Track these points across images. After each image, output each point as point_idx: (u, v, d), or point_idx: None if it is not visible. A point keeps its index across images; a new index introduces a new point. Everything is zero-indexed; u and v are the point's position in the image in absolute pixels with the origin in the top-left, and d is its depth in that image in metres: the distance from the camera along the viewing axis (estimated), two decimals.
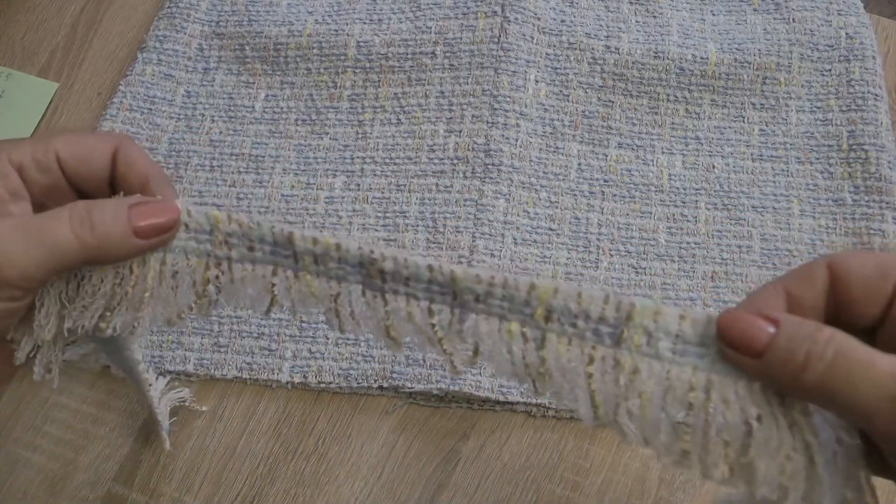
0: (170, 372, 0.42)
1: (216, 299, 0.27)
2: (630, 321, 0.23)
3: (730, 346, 0.21)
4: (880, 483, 0.22)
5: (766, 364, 0.21)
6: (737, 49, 0.49)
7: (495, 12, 0.49)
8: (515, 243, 0.44)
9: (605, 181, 0.46)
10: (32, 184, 0.25)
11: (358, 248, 0.25)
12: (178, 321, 0.27)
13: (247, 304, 0.27)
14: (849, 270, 0.22)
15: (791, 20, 0.50)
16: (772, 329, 0.21)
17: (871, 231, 0.44)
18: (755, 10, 0.51)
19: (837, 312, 0.22)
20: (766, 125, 0.48)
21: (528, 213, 0.45)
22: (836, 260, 0.22)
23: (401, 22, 0.50)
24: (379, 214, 0.45)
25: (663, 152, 0.47)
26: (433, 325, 0.25)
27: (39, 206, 0.26)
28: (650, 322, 0.23)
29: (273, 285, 0.26)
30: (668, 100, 0.48)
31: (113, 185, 0.27)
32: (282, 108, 0.49)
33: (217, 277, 0.27)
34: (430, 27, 0.50)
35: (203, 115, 0.49)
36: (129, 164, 0.27)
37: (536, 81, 0.48)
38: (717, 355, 0.22)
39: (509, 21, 0.49)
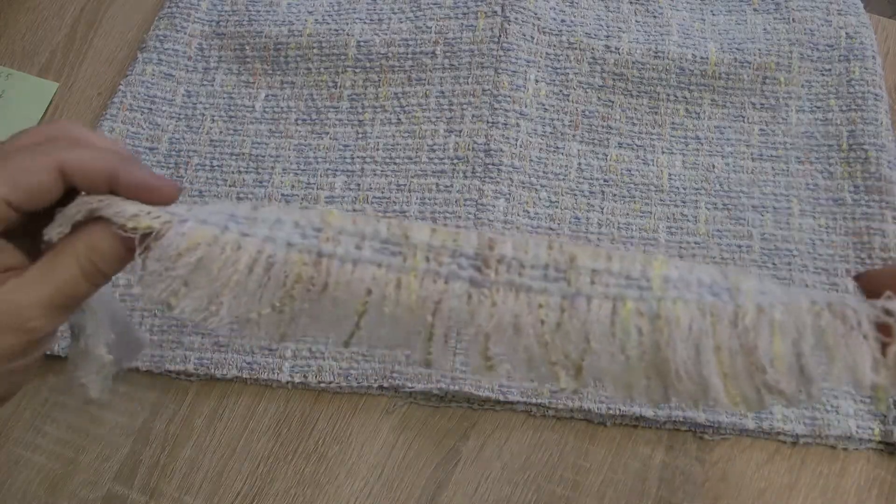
0: (170, 371, 0.42)
1: (299, 311, 0.25)
2: (738, 291, 0.23)
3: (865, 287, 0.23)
4: (879, 480, 0.22)
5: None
6: (737, 49, 0.49)
7: (495, 12, 0.49)
8: None
9: (605, 181, 0.46)
10: (27, 202, 0.25)
11: (477, 234, 0.24)
12: (249, 324, 0.26)
13: (328, 325, 0.25)
14: None
15: (791, 20, 0.50)
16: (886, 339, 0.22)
17: (871, 231, 0.44)
18: (755, 10, 0.51)
19: None
20: (766, 125, 0.48)
21: (529, 212, 0.45)
22: None
23: (401, 22, 0.50)
24: (379, 214, 0.45)
25: (663, 152, 0.47)
26: (542, 322, 0.23)
27: None
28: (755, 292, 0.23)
29: (369, 292, 0.25)
30: (668, 100, 0.48)
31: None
32: (282, 107, 0.49)
33: (312, 279, 0.25)
34: (431, 27, 0.50)
35: (203, 114, 0.49)
36: (82, 173, 0.25)
37: (536, 81, 0.48)
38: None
39: (509, 21, 0.49)
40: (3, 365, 0.24)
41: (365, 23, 0.51)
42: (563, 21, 0.50)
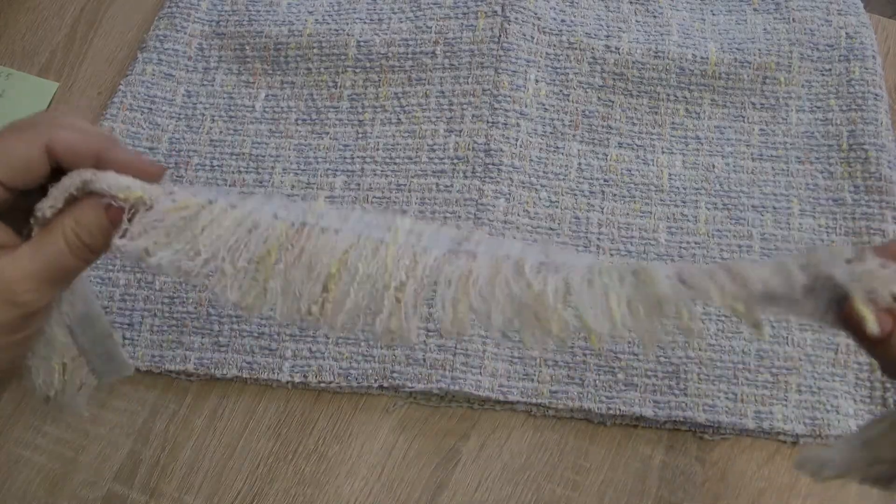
0: (170, 371, 0.42)
1: (273, 273, 0.26)
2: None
3: (854, 329, 0.25)
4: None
5: (884, 349, 0.24)
6: (737, 49, 0.49)
7: (495, 12, 0.49)
8: None
9: (605, 181, 0.46)
10: (15, 180, 0.26)
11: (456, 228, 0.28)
12: (221, 278, 0.26)
13: (297, 293, 0.26)
14: None
15: (791, 20, 0.50)
16: (890, 325, 0.24)
17: (871, 231, 0.44)
18: (755, 9, 0.51)
19: None
20: (766, 125, 0.48)
21: (529, 212, 0.45)
22: None
23: (401, 21, 0.50)
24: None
25: (663, 152, 0.47)
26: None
27: None
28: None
29: (345, 252, 0.26)
30: (668, 99, 0.48)
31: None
32: (282, 107, 0.49)
33: (291, 241, 0.26)
34: (431, 27, 0.50)
35: (203, 114, 0.49)
36: (69, 151, 0.26)
37: (536, 81, 0.48)
38: None
39: (509, 21, 0.49)
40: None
41: (365, 23, 0.51)
42: (563, 21, 0.50)
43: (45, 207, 0.26)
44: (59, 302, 0.29)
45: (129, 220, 0.26)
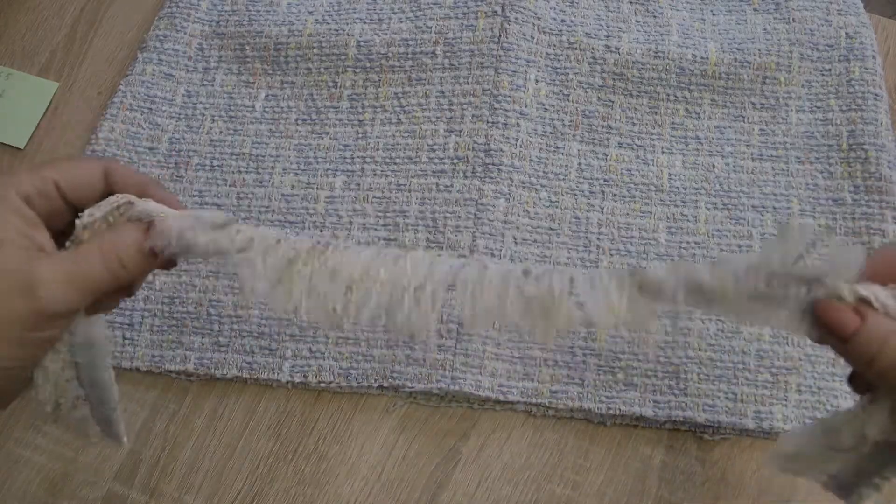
0: (170, 371, 0.42)
1: (299, 277, 0.30)
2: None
3: (824, 328, 0.26)
4: None
5: (850, 347, 0.26)
6: (737, 49, 0.49)
7: (495, 12, 0.49)
8: (515, 243, 0.44)
9: (605, 181, 0.46)
10: (38, 211, 0.28)
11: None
12: (250, 271, 0.29)
13: (322, 296, 0.29)
14: None
15: (791, 20, 0.50)
16: (858, 322, 0.26)
17: (871, 231, 0.44)
18: (755, 9, 0.51)
19: None
20: (766, 125, 0.48)
21: (529, 212, 0.45)
22: None
23: (401, 21, 0.50)
24: (379, 214, 0.45)
25: (663, 152, 0.47)
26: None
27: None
28: None
29: (367, 266, 0.30)
30: (668, 99, 0.48)
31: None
32: (282, 107, 0.49)
33: (317, 252, 0.30)
34: (431, 27, 0.50)
35: (203, 114, 0.49)
36: (122, 179, 0.30)
37: (536, 81, 0.48)
38: None
39: (509, 21, 0.49)
40: (15, 330, 0.26)
41: (365, 23, 0.51)
42: (563, 21, 0.50)
43: (87, 216, 0.28)
44: (73, 348, 0.29)
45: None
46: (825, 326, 0.26)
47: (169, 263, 0.30)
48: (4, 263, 0.26)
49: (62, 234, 0.29)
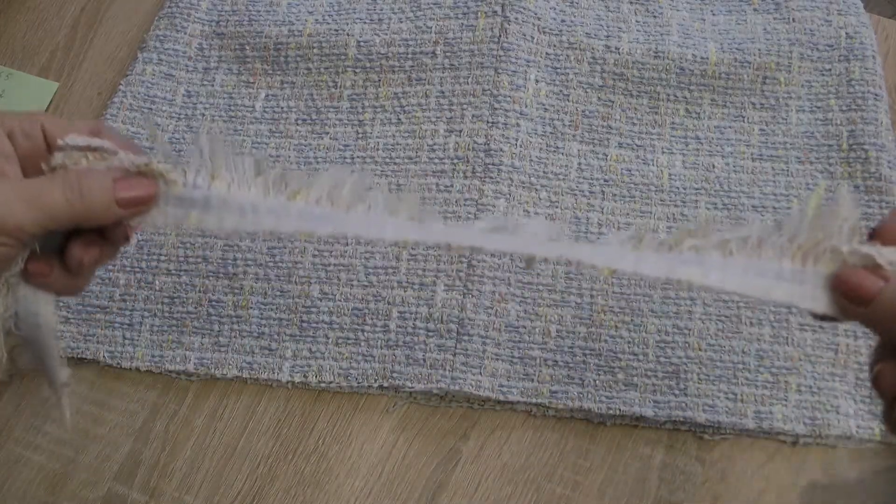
0: (170, 371, 0.42)
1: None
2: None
3: (845, 296, 0.26)
4: None
5: (872, 311, 0.26)
6: (737, 49, 0.49)
7: (495, 12, 0.49)
8: None
9: (605, 181, 0.46)
10: (18, 147, 0.28)
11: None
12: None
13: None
14: None
15: (791, 20, 0.50)
16: (881, 283, 0.26)
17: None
18: (755, 9, 0.51)
19: None
20: (766, 125, 0.48)
21: (529, 212, 0.45)
22: None
23: (401, 21, 0.50)
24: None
25: (663, 152, 0.47)
26: None
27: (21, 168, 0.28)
28: None
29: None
30: (668, 99, 0.48)
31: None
32: (282, 107, 0.49)
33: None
34: (431, 27, 0.50)
35: (203, 114, 0.49)
36: (110, 138, 0.29)
37: (536, 81, 0.48)
38: None
39: (509, 21, 0.49)
40: None
41: (365, 23, 0.51)
42: (563, 21, 0.50)
43: (68, 140, 0.28)
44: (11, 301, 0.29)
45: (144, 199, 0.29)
46: (847, 293, 0.26)
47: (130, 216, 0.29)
48: None
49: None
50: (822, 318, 0.28)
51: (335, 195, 0.30)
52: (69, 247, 0.29)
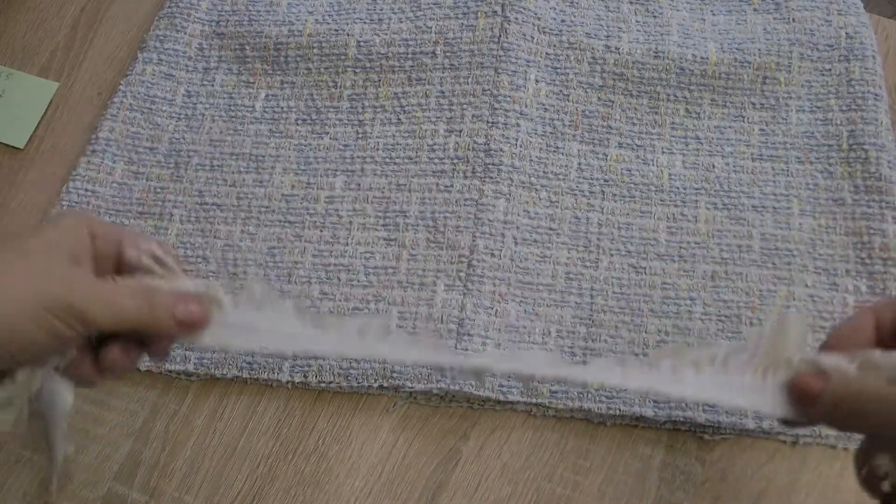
0: (170, 371, 0.42)
1: None
2: None
3: (795, 399, 0.31)
4: None
5: (820, 408, 0.30)
6: (737, 49, 0.49)
7: (495, 12, 0.49)
8: (516, 243, 0.44)
9: (605, 181, 0.46)
10: (96, 249, 0.31)
11: None
12: None
13: None
14: None
15: (791, 20, 0.50)
16: (822, 384, 0.30)
17: (872, 231, 0.44)
18: (755, 9, 0.51)
19: None
20: (766, 125, 0.48)
21: (529, 212, 0.45)
22: None
23: (401, 22, 0.50)
24: (379, 214, 0.45)
25: (663, 152, 0.47)
26: None
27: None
28: None
29: None
30: (668, 99, 0.48)
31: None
32: (282, 107, 0.49)
33: None
34: (431, 27, 0.50)
35: (203, 114, 0.49)
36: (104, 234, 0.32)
37: (536, 81, 0.48)
38: None
39: (509, 21, 0.49)
40: (40, 311, 0.28)
41: (365, 23, 0.51)
42: (563, 21, 0.50)
43: (135, 257, 0.31)
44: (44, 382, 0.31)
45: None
46: (796, 396, 0.31)
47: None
48: (60, 255, 0.29)
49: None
50: (787, 422, 0.32)
51: (364, 332, 0.32)
52: (109, 348, 0.30)
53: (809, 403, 0.30)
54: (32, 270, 0.28)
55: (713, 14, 0.51)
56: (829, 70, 0.49)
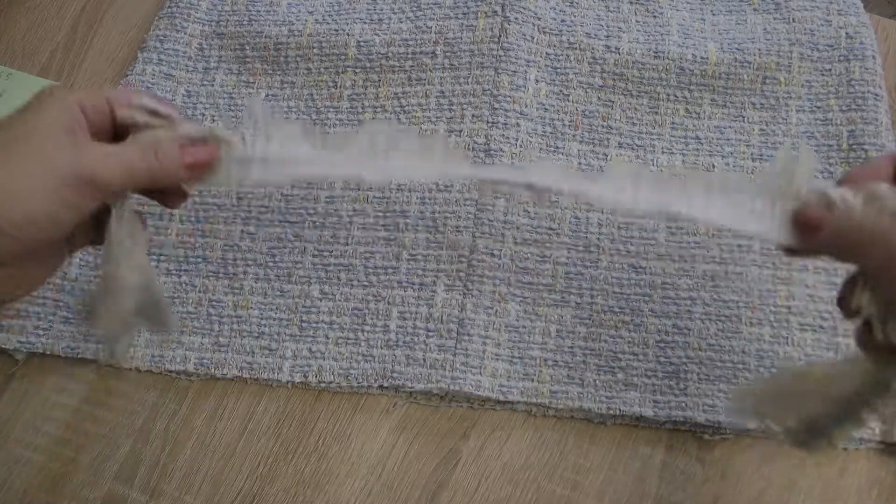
0: (170, 371, 0.42)
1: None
2: None
3: (800, 227, 0.32)
4: (879, 480, 0.22)
5: (822, 238, 0.31)
6: (737, 49, 0.49)
7: (495, 12, 0.49)
8: (515, 243, 0.44)
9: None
10: (88, 119, 0.31)
11: None
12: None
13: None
14: None
15: (791, 20, 0.50)
16: (827, 213, 0.31)
17: None
18: (755, 9, 0.51)
19: None
20: (766, 125, 0.48)
21: (528, 212, 0.45)
22: None
23: (401, 21, 0.50)
24: (379, 214, 0.45)
25: (663, 152, 0.47)
26: None
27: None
28: None
29: None
30: (668, 99, 0.48)
31: None
32: (282, 107, 0.49)
33: None
34: (431, 27, 0.50)
35: (203, 114, 0.49)
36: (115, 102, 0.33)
37: (536, 81, 0.48)
38: None
39: (509, 21, 0.49)
40: (56, 182, 0.29)
41: (365, 23, 0.51)
42: (563, 21, 0.50)
43: (127, 115, 0.32)
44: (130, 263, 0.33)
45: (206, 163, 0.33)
46: (801, 224, 0.32)
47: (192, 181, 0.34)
48: (57, 132, 0.30)
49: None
50: (788, 250, 0.32)
51: (375, 144, 0.34)
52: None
53: (813, 233, 0.31)
54: (38, 152, 0.29)
55: (713, 14, 0.51)
56: (829, 70, 0.49)
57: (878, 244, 0.29)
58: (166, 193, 0.34)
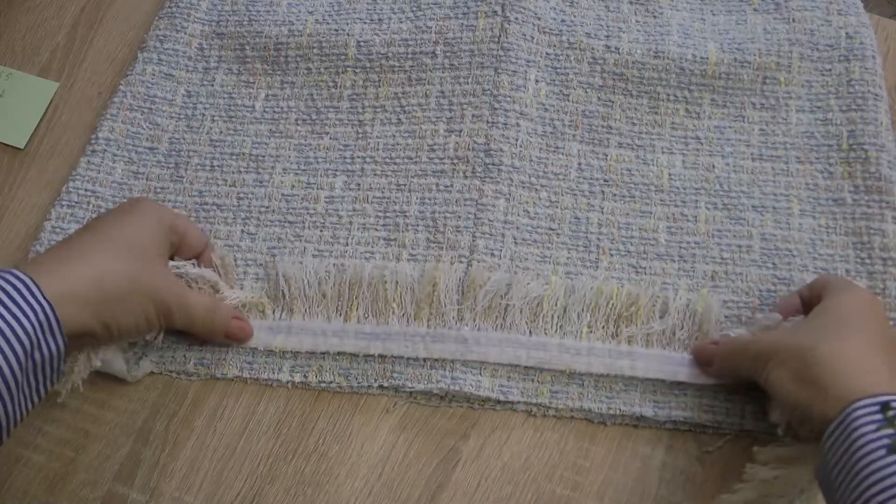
0: (170, 371, 0.42)
1: None
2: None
3: (699, 362, 0.41)
4: None
5: (714, 367, 0.40)
6: (737, 49, 0.49)
7: (495, 12, 0.49)
8: (515, 243, 0.44)
9: (605, 181, 0.46)
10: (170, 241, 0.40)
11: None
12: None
13: None
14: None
15: (791, 20, 0.50)
16: (713, 347, 0.40)
17: (871, 231, 0.44)
18: (755, 9, 0.51)
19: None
20: (766, 125, 0.48)
21: (529, 212, 0.45)
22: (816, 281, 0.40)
23: (401, 22, 0.50)
24: (379, 214, 0.45)
25: (663, 152, 0.47)
26: None
27: None
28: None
29: None
30: (668, 99, 0.48)
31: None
32: (282, 107, 0.49)
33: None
34: (431, 27, 0.50)
35: (203, 114, 0.49)
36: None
37: (536, 81, 0.48)
38: None
39: (509, 21, 0.49)
40: (152, 308, 0.37)
41: (365, 23, 0.51)
42: (563, 21, 0.50)
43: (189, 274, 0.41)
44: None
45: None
46: (698, 360, 0.40)
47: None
48: (151, 257, 0.37)
49: None
50: (719, 385, 0.40)
51: (375, 310, 0.42)
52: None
53: (708, 364, 0.39)
54: (135, 264, 0.36)
55: (713, 14, 0.51)
56: (829, 70, 0.49)
57: (747, 358, 0.36)
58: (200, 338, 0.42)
